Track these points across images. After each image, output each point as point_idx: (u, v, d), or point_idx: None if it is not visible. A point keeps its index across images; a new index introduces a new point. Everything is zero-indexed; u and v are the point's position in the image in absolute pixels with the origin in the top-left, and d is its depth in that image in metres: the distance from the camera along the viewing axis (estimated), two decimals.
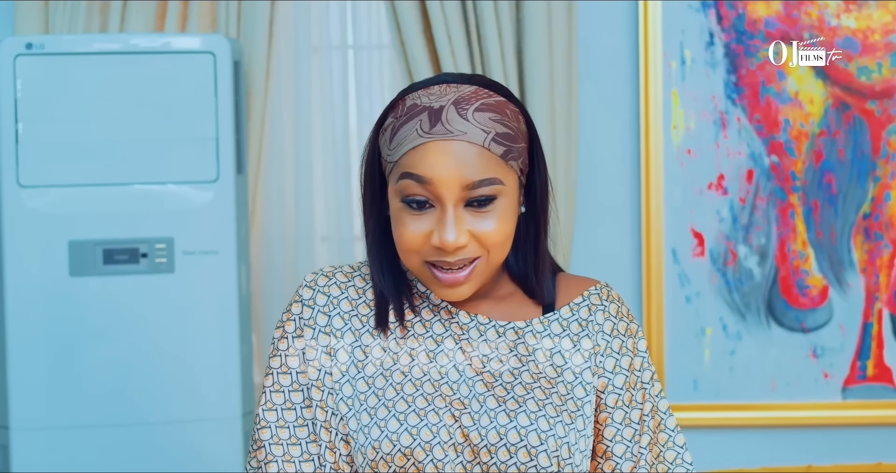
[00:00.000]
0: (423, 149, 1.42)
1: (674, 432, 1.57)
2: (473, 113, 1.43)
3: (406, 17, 3.04)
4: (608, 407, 1.52)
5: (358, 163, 3.33)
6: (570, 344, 1.52)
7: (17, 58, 2.77)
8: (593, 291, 1.56)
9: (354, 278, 1.55)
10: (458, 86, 1.45)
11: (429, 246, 1.43)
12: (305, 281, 1.55)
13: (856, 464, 3.20)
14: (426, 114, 1.43)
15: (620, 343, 1.54)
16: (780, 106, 3.16)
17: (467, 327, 1.52)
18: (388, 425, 1.44)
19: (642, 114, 3.15)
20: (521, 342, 1.51)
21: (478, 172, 1.41)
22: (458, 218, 1.42)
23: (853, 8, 3.15)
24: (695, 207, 3.17)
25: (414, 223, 1.44)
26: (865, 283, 3.19)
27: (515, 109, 1.48)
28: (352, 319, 1.52)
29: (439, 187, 1.41)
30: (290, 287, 3.17)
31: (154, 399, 2.79)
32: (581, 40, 3.15)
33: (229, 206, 2.82)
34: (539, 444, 1.43)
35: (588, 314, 1.54)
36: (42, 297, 2.78)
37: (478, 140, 1.42)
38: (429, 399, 1.46)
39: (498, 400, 1.46)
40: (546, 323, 1.53)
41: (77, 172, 2.78)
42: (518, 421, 1.44)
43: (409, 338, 1.51)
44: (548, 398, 1.47)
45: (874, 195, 3.17)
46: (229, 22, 3.08)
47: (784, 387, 3.19)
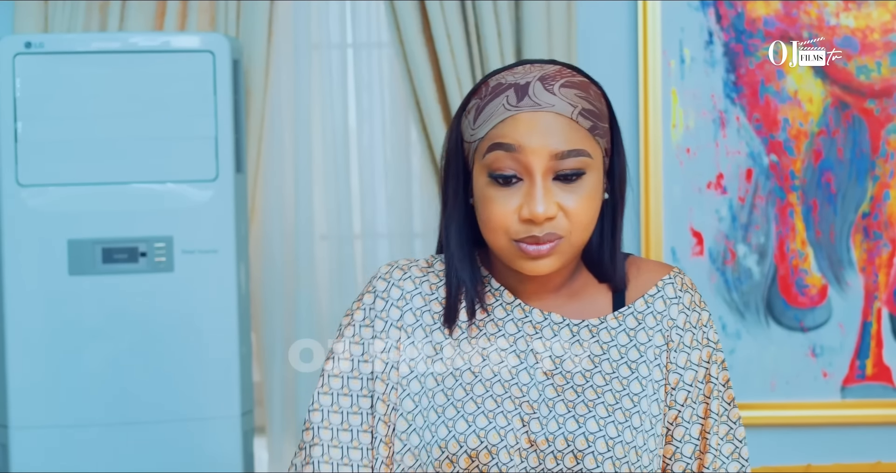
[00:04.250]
0: (511, 120, 1.42)
1: (735, 424, 1.54)
2: (559, 88, 1.43)
3: (405, 15, 3.04)
4: (677, 404, 1.51)
5: (357, 162, 3.36)
6: (646, 338, 1.50)
7: (16, 56, 2.77)
8: (667, 280, 1.54)
9: (429, 274, 1.54)
10: (541, 66, 1.46)
11: (517, 222, 1.42)
12: (380, 272, 1.54)
13: (855, 463, 3.20)
14: (512, 90, 1.43)
15: (692, 335, 1.52)
16: (780, 105, 3.16)
17: (541, 326, 1.50)
18: (455, 425, 1.43)
19: (641, 113, 3.15)
20: (595, 341, 1.49)
21: (567, 142, 1.41)
22: (548, 189, 1.41)
23: (852, 7, 3.15)
24: (694, 206, 3.17)
25: (502, 198, 1.42)
26: (864, 282, 3.19)
27: (598, 91, 1.48)
28: (423, 315, 1.51)
29: (529, 155, 1.41)
30: (290, 285, 3.17)
31: (153, 398, 2.79)
32: (580, 39, 3.16)
33: (228, 205, 2.82)
34: (606, 451, 1.42)
35: (663, 306, 1.52)
36: (41, 296, 2.78)
37: (566, 112, 1.42)
38: (498, 401, 1.45)
39: (567, 406, 1.44)
40: (621, 318, 1.51)
41: (76, 171, 2.78)
42: (587, 427, 1.43)
43: (482, 338, 1.49)
44: (618, 402, 1.45)
45: (873, 194, 3.17)
46: (228, 20, 3.08)
47: (783, 386, 3.19)
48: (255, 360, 3.18)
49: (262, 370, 3.20)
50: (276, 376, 3.16)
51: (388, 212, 3.23)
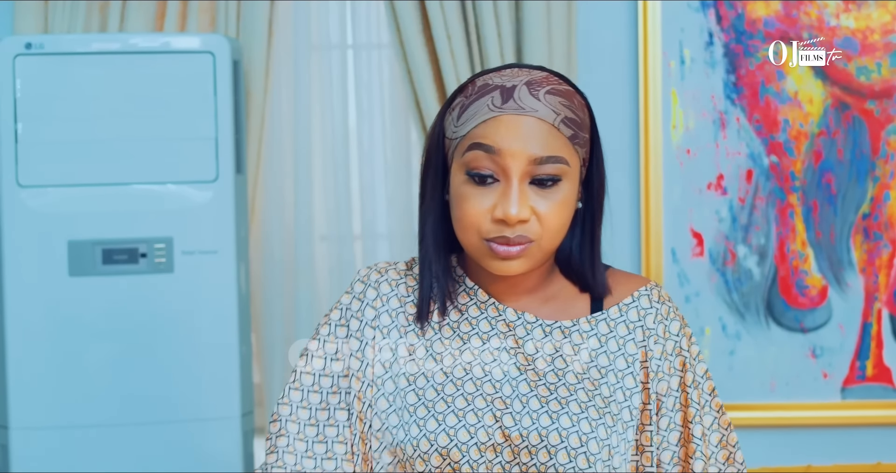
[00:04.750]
0: (493, 121, 1.44)
1: (727, 430, 1.56)
2: (545, 94, 1.45)
3: (405, 16, 3.04)
4: (668, 411, 1.52)
5: (357, 163, 3.36)
6: (616, 347, 1.52)
7: (16, 57, 2.77)
8: (643, 292, 1.55)
9: (406, 276, 1.56)
10: (529, 71, 1.48)
11: (489, 222, 1.44)
12: (359, 275, 1.56)
13: (855, 464, 3.20)
14: (498, 92, 1.45)
15: (673, 344, 1.54)
16: (780, 106, 3.16)
17: (514, 324, 1.52)
18: (426, 424, 1.45)
19: (641, 114, 3.15)
20: (567, 341, 1.51)
21: (546, 148, 1.43)
22: (523, 192, 1.43)
23: (852, 8, 3.15)
24: (694, 207, 3.17)
25: (477, 197, 1.44)
26: (865, 283, 3.19)
27: (582, 101, 1.50)
28: (398, 316, 1.53)
29: (507, 158, 1.42)
30: (290, 286, 3.17)
31: (153, 399, 2.79)
32: (580, 40, 3.16)
33: (228, 206, 2.82)
34: (579, 446, 1.43)
35: (637, 317, 1.53)
36: (41, 297, 2.78)
37: (548, 118, 1.44)
38: (468, 399, 1.46)
39: (541, 401, 1.46)
40: (593, 323, 1.53)
41: (76, 172, 2.78)
42: (560, 423, 1.44)
43: (455, 338, 1.51)
44: (591, 400, 1.47)
45: (873, 195, 3.17)
46: (228, 21, 3.08)
47: (783, 387, 3.19)
48: (256, 361, 3.18)
49: (262, 371, 3.20)
50: (276, 377, 3.16)
51: (388, 213, 3.24)
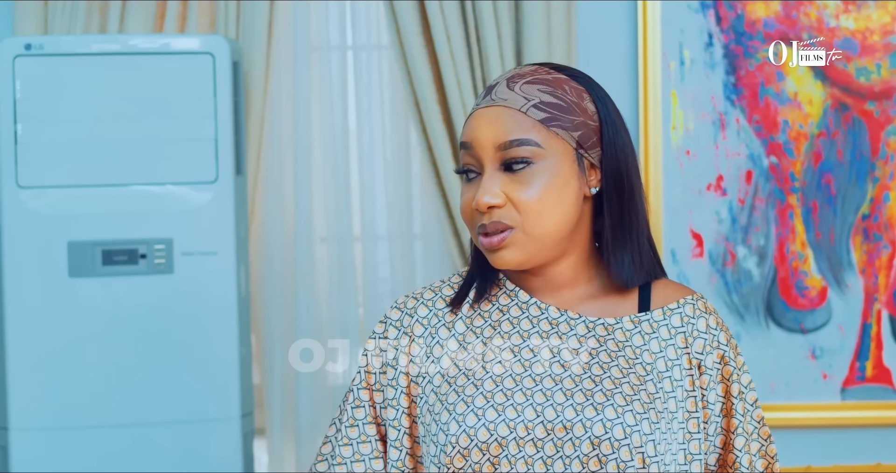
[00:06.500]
0: (470, 118, 1.50)
1: (766, 442, 1.58)
2: (522, 85, 1.48)
3: (405, 17, 3.04)
4: (714, 417, 1.53)
5: (357, 164, 3.36)
6: (658, 348, 1.52)
7: (16, 58, 2.77)
8: (689, 300, 1.56)
9: (444, 287, 1.59)
10: (531, 67, 1.52)
11: (475, 215, 1.48)
12: (395, 302, 1.59)
13: (855, 465, 3.20)
14: (485, 90, 1.51)
15: (722, 354, 1.54)
16: (779, 107, 3.16)
17: (556, 322, 1.52)
18: (465, 420, 1.45)
19: (641, 115, 3.15)
20: (610, 338, 1.51)
21: (508, 133, 1.46)
22: (492, 178, 1.46)
23: (852, 8, 3.15)
24: (694, 208, 3.17)
25: (466, 193, 1.50)
26: (864, 284, 3.19)
27: (578, 87, 1.51)
28: (442, 317, 1.56)
29: (478, 150, 1.47)
30: (290, 287, 3.17)
31: (153, 400, 2.79)
32: (580, 41, 3.16)
33: (228, 207, 2.82)
34: (623, 438, 1.42)
35: (680, 323, 1.54)
36: (41, 298, 2.78)
37: (515, 105, 1.47)
38: (508, 395, 1.46)
39: (586, 394, 1.46)
40: (637, 322, 1.53)
41: (76, 173, 2.78)
42: (605, 414, 1.44)
43: (495, 337, 1.52)
44: (636, 394, 1.46)
45: (873, 196, 3.17)
46: (228, 22, 3.08)
47: (783, 388, 3.19)
48: (255, 362, 3.17)
49: (262, 372, 3.20)
50: (276, 378, 3.16)
51: (388, 214, 3.23)
